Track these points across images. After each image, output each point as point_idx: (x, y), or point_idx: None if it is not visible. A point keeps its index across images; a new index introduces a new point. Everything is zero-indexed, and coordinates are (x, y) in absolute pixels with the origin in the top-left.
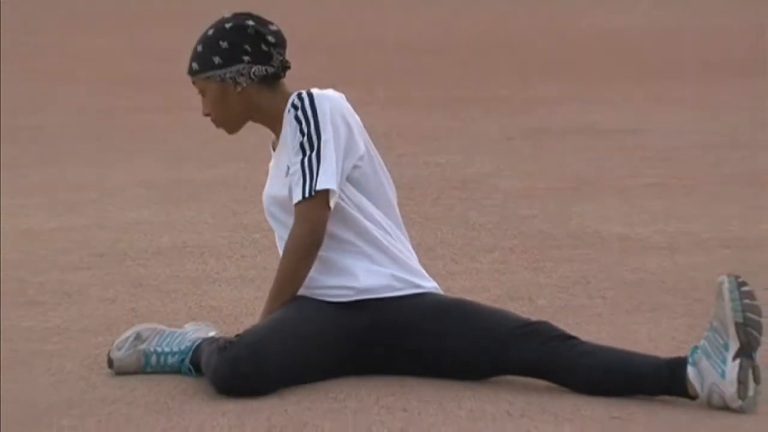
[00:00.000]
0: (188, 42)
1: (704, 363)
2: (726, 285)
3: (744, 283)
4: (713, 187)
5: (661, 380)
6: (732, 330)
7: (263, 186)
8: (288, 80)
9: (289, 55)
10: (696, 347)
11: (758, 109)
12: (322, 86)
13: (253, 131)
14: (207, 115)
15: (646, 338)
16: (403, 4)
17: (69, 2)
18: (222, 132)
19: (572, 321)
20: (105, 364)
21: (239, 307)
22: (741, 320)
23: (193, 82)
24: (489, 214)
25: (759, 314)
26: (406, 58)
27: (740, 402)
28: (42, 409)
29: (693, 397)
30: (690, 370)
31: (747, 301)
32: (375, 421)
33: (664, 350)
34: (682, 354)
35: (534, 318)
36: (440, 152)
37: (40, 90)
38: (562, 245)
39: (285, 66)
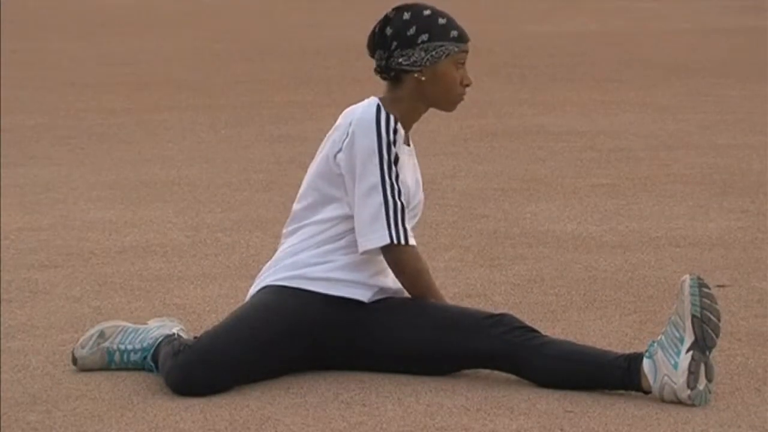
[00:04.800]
0: (151, 49)
1: (659, 355)
2: (688, 282)
3: (706, 285)
4: (662, 186)
5: (618, 371)
6: (688, 323)
7: (225, 185)
8: (251, 83)
9: (250, 60)
10: (654, 341)
11: (703, 110)
12: (281, 88)
13: (213, 131)
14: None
15: (599, 334)
16: (358, 9)
17: (39, 10)
18: (185, 133)
19: (527, 317)
20: (70, 361)
21: (203, 305)
22: (698, 315)
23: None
24: (446, 213)
25: (718, 317)
26: (363, 62)
27: (688, 391)
28: (8, 404)
29: (646, 392)
30: (645, 362)
31: (707, 300)
32: (335, 416)
33: (615, 346)
34: (634, 349)
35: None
36: None
37: (11, 94)
38: (517, 244)
39: None
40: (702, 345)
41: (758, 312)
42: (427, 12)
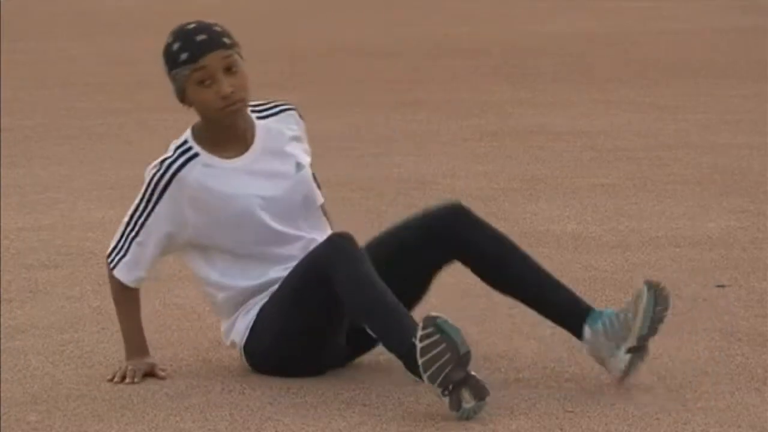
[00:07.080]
0: (151, 49)
1: (601, 338)
2: (645, 295)
3: (663, 294)
4: (662, 186)
5: (565, 311)
6: (635, 334)
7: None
8: (252, 86)
9: (250, 60)
10: (602, 314)
11: (703, 110)
12: (282, 91)
13: None
14: (231, 91)
15: None
16: (359, 10)
17: (39, 10)
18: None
19: (527, 317)
20: (69, 360)
21: (203, 305)
22: (645, 333)
23: (228, 56)
24: None
25: (663, 317)
26: (363, 62)
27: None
28: (8, 404)
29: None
30: (587, 331)
31: (659, 313)
32: (335, 415)
33: None
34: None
35: None
36: (398, 153)
37: (11, 94)
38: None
39: None
40: (643, 346)
41: (758, 312)
42: (169, 38)
